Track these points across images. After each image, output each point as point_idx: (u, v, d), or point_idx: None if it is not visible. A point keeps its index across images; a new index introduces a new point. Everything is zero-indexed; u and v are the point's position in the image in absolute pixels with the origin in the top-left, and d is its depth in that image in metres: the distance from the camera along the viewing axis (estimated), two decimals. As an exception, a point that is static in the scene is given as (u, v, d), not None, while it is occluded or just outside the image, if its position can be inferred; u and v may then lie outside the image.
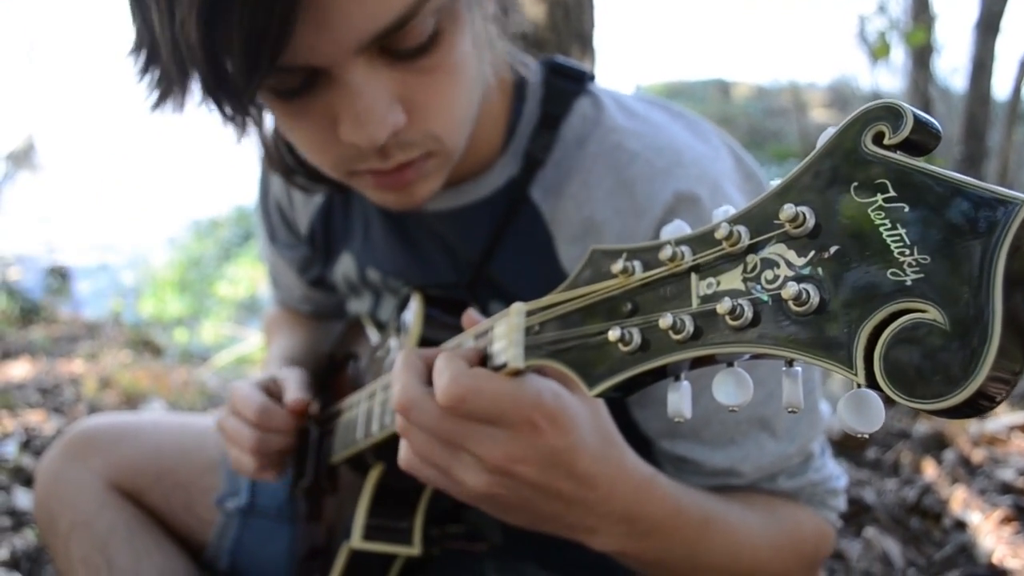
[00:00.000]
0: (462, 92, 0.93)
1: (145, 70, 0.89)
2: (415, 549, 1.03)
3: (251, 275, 7.03)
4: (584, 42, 2.20)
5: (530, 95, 1.11)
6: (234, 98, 0.84)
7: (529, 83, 1.12)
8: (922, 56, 4.94)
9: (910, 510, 2.12)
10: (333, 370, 1.36)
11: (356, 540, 1.02)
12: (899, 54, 6.23)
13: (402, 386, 0.77)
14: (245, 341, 4.59)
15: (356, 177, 0.97)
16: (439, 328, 1.00)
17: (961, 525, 2.01)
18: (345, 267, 1.32)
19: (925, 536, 2.02)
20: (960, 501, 2.09)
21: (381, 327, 1.27)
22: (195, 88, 0.85)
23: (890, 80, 7.53)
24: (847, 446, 2.46)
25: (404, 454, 0.82)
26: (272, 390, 1.17)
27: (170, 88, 0.88)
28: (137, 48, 0.87)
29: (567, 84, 1.11)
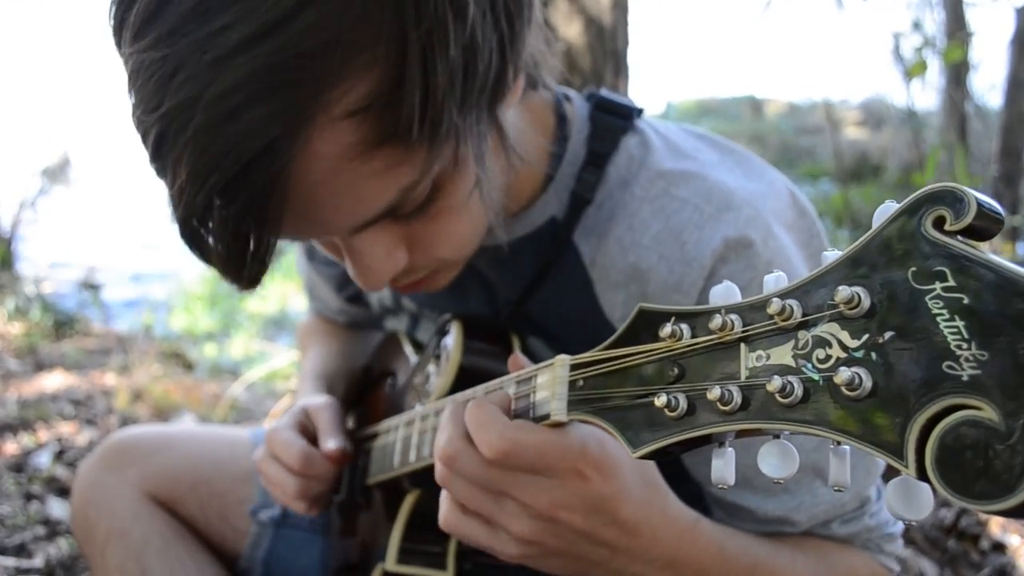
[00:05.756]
0: (470, 220, 0.92)
1: None
2: (448, 573, 1.04)
3: (281, 291, 7.06)
4: (618, 61, 2.20)
5: (574, 133, 1.06)
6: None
7: (574, 120, 1.07)
8: (958, 73, 4.90)
9: (947, 531, 2.08)
10: (369, 384, 1.37)
11: (390, 563, 1.04)
12: (934, 71, 6.17)
13: (447, 438, 0.77)
14: (274, 357, 4.61)
15: None
16: (478, 357, 1.01)
17: (999, 547, 1.98)
18: (380, 292, 1.32)
19: (963, 558, 1.98)
20: (998, 523, 2.05)
21: (419, 347, 1.27)
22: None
23: (925, 98, 7.45)
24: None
25: (445, 514, 0.82)
26: (306, 427, 1.14)
27: None
28: None
29: (614, 120, 1.07)
